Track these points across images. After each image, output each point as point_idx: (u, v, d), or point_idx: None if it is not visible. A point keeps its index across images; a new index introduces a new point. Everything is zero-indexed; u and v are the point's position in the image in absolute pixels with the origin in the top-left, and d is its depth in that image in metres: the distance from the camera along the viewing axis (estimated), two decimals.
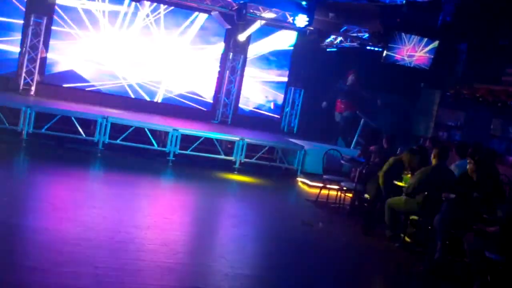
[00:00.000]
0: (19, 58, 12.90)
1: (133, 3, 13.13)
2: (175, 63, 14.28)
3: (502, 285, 5.75)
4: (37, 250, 5.50)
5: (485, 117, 13.31)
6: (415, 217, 7.39)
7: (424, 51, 12.56)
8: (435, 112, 14.64)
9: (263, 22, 13.16)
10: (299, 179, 12.07)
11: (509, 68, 12.12)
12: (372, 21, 12.38)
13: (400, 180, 7.83)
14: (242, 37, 13.97)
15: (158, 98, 14.31)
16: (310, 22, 12.13)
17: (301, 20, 12.24)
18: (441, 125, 14.69)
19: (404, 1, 10.46)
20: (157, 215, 7.86)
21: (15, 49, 12.93)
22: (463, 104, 13.76)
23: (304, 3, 11.98)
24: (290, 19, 12.91)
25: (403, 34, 12.17)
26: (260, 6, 12.88)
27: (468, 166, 6.82)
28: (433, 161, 7.43)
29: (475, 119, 13.70)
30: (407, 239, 7.62)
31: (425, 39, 12.43)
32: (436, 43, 12.52)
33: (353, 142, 13.96)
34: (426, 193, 7.12)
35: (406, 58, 12.57)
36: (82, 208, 7.27)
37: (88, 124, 11.53)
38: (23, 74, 12.73)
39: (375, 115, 14.18)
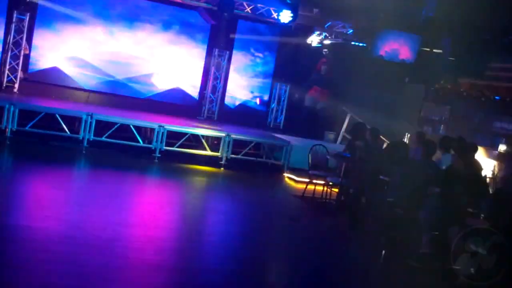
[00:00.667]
0: (1, 55, 12.75)
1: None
2: (160, 59, 14.22)
3: None
4: (21, 248, 5.43)
5: (469, 111, 13.43)
6: (400, 212, 7.43)
7: (408, 46, 12.64)
8: (419, 107, 14.73)
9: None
10: (285, 174, 12.09)
11: (492, 63, 12.23)
12: (356, 17, 12.45)
13: (387, 176, 7.87)
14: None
15: (144, 95, 14.24)
16: (294, 18, 12.17)
17: (286, 15, 12.28)
18: (426, 119, 14.78)
19: None
20: (143, 212, 7.84)
21: None
22: (447, 98, 13.87)
23: None
24: (274, 15, 12.92)
25: (386, 29, 12.22)
26: (244, 1, 12.89)
27: (452, 159, 6.89)
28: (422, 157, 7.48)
29: (459, 113, 13.82)
30: (392, 233, 7.66)
31: (409, 34, 12.51)
32: (419, 38, 12.61)
33: (339, 137, 14.03)
34: (412, 188, 7.16)
35: (390, 53, 12.63)
36: (67, 206, 7.23)
37: (73, 121, 11.42)
38: (6, 72, 12.59)
39: (361, 110, 14.24)
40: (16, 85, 12.70)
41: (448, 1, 9.00)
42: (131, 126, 11.39)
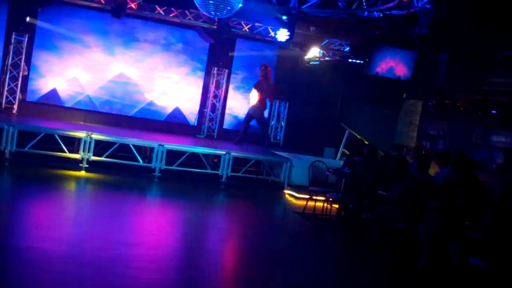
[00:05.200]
0: (0, 76, 12.83)
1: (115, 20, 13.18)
2: (159, 78, 14.31)
3: None
4: (22, 269, 5.42)
5: (466, 126, 13.49)
6: (400, 226, 7.44)
7: (404, 62, 12.73)
8: (417, 122, 14.80)
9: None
10: (286, 191, 12.10)
11: (489, 77, 12.32)
12: (352, 34, 12.56)
13: (386, 190, 7.89)
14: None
15: (143, 114, 14.30)
16: (291, 37, 12.27)
17: (282, 34, 12.38)
18: (424, 134, 14.84)
19: (381, 14, 10.62)
20: (144, 231, 7.83)
21: None
22: (445, 113, 13.94)
23: (284, 17, 12.10)
24: (272, 33, 13.05)
25: (383, 46, 12.32)
26: (242, 21, 13.02)
27: (449, 173, 6.91)
28: (418, 171, 7.52)
29: (457, 128, 13.88)
30: (393, 248, 7.67)
31: (405, 51, 12.60)
32: (415, 55, 12.71)
33: (339, 153, 14.08)
34: (411, 202, 7.19)
35: (386, 70, 12.71)
36: (66, 226, 7.23)
37: (72, 141, 11.46)
38: (5, 93, 12.66)
39: (359, 126, 14.31)
40: (15, 106, 12.77)
41: (441, 19, 9.12)
42: (131, 146, 11.41)
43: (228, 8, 8.12)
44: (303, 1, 11.82)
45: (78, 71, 13.61)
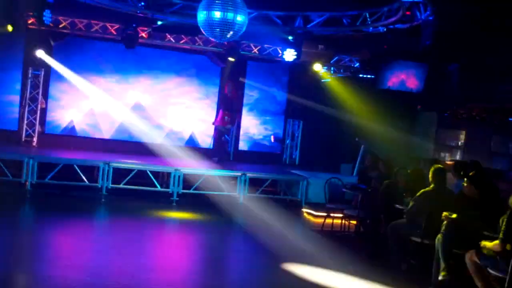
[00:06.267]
0: (19, 110, 13.14)
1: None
2: (174, 104, 14.49)
3: None
4: None
5: (484, 135, 13.40)
6: (418, 239, 7.39)
7: (415, 75, 12.71)
8: (434, 134, 14.73)
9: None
10: (304, 209, 12.09)
11: (501, 85, 12.26)
12: (361, 50, 12.64)
13: (401, 204, 7.87)
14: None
15: (159, 140, 14.46)
16: (298, 56, 12.39)
17: (289, 54, 12.51)
18: (442, 146, 14.77)
19: (385, 29, 10.70)
20: (163, 256, 7.90)
21: (15, 102, 13.18)
22: (461, 123, 13.87)
23: (290, 37, 12.24)
24: (281, 54, 13.18)
25: (392, 60, 12.33)
26: (251, 43, 13.19)
27: (464, 187, 6.88)
28: (431, 184, 7.49)
29: (475, 137, 13.79)
30: (412, 261, 7.62)
31: (415, 63, 12.59)
32: (426, 67, 12.69)
33: (355, 169, 14.03)
34: (427, 215, 7.15)
35: (398, 83, 12.70)
36: (86, 255, 7.33)
37: (91, 170, 11.64)
38: (25, 126, 12.94)
39: (374, 140, 14.26)
40: (35, 139, 13.04)
41: (446, 28, 9.14)
42: (148, 172, 11.55)
43: (232, 32, 8.27)
44: (308, 21, 11.96)
45: (94, 101, 13.86)
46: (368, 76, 13.57)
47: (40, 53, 12.78)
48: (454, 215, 6.69)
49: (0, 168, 10.67)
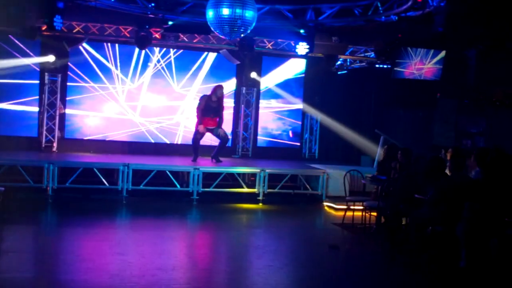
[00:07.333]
0: (38, 117, 13.30)
1: (143, 51, 13.58)
2: (190, 103, 14.51)
3: None
4: None
5: (506, 120, 13.13)
6: (439, 228, 7.28)
7: (432, 62, 12.49)
8: (454, 121, 14.50)
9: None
10: (325, 203, 12.03)
11: None
12: (375, 40, 12.47)
13: (421, 193, 7.75)
14: (253, 74, 14.35)
15: (178, 140, 14.53)
16: (310, 49, 12.30)
17: (302, 48, 12.44)
18: (464, 133, 14.52)
19: (397, 18, 10.53)
20: (182, 255, 7.92)
21: (34, 109, 13.35)
22: (482, 110, 13.63)
23: (302, 31, 12.15)
24: (295, 48, 13.10)
25: (408, 48, 12.14)
26: (265, 38, 13.14)
27: (482, 175, 6.76)
28: (451, 171, 7.37)
29: (497, 123, 13.52)
30: (433, 250, 7.51)
31: (431, 51, 12.37)
32: (443, 53, 12.46)
33: (375, 161, 13.89)
34: (447, 203, 7.04)
35: (415, 72, 12.51)
36: (107, 257, 7.37)
37: (111, 173, 11.73)
38: (44, 132, 13.09)
39: (394, 130, 14.12)
40: (55, 144, 13.17)
41: (460, 13, 8.96)
42: (167, 172, 11.60)
43: (242, 29, 8.23)
44: (319, 13, 11.85)
45: (111, 103, 13.97)
46: (385, 66, 13.40)
47: (56, 59, 12.90)
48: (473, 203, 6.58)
49: (21, 175, 10.81)
